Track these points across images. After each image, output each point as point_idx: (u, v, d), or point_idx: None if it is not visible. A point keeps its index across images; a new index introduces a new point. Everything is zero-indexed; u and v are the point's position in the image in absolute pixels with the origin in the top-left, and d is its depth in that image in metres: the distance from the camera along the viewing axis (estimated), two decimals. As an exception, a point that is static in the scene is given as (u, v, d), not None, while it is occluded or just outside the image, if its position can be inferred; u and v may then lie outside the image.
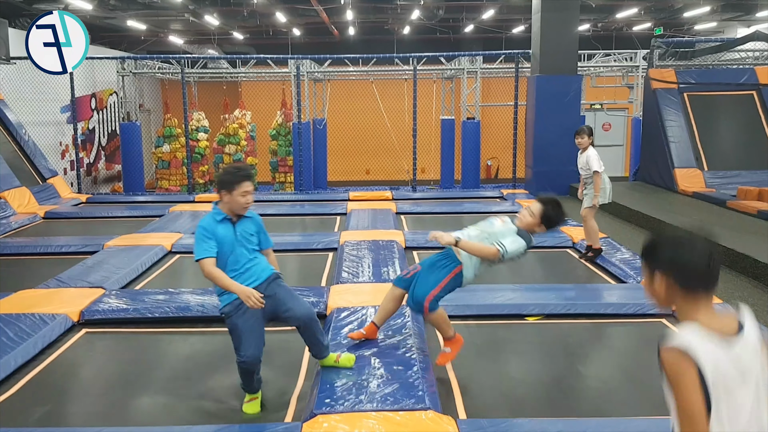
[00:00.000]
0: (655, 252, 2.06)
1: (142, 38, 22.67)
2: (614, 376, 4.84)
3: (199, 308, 5.92)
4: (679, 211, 10.12)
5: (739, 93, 13.11)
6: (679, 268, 2.01)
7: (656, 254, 2.06)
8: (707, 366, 1.87)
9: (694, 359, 1.88)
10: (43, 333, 5.31)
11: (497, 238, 4.48)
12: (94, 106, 18.42)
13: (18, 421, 4.07)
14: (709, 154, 12.50)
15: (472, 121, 16.40)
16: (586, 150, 7.70)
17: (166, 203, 12.63)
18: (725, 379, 1.89)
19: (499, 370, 4.81)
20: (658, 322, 5.75)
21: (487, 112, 19.47)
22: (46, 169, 13.36)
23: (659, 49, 14.07)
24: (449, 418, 3.82)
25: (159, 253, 8.25)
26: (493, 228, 4.59)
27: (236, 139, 18.12)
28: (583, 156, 7.72)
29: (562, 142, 12.66)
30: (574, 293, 6.36)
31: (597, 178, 7.55)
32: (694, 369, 1.88)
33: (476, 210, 11.54)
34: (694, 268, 1.99)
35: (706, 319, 1.99)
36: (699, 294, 2.01)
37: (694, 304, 2.02)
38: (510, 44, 22.52)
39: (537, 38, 13.25)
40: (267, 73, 19.09)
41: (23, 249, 8.68)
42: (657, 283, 2.06)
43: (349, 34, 23.11)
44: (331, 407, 3.89)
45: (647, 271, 2.09)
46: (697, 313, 2.01)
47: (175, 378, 4.79)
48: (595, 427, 3.74)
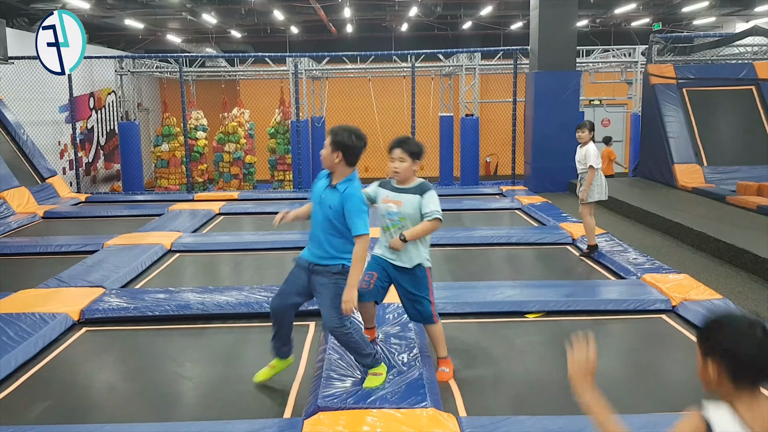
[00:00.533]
0: (710, 339, 1.99)
1: (140, 37, 22.64)
2: (615, 372, 4.84)
3: (199, 306, 5.92)
4: (679, 207, 10.12)
5: (738, 88, 13.10)
6: (733, 361, 1.93)
7: (711, 342, 1.98)
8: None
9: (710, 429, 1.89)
10: (43, 332, 5.31)
11: (419, 211, 4.42)
12: (93, 106, 18.40)
13: (19, 419, 4.07)
14: (709, 150, 12.50)
15: (471, 117, 16.37)
16: (586, 144, 7.67)
17: (165, 202, 12.64)
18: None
19: (499, 368, 4.81)
20: (658, 318, 5.76)
21: (486, 109, 19.44)
22: (45, 168, 13.36)
23: (658, 45, 14.06)
24: (450, 415, 3.82)
25: (159, 252, 8.25)
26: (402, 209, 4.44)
27: (235, 138, 18.11)
28: (583, 150, 7.70)
29: (561, 138, 12.66)
30: (574, 290, 6.36)
31: (591, 173, 7.55)
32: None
33: (475, 207, 11.55)
34: (748, 364, 1.91)
35: (746, 410, 1.92)
36: (746, 387, 1.94)
37: (739, 395, 1.95)
38: (508, 40, 22.48)
39: (535, 34, 13.25)
40: (265, 71, 19.07)
41: (23, 249, 8.67)
42: (709, 368, 1.98)
43: (347, 31, 23.09)
44: (332, 404, 3.89)
45: (700, 354, 2.02)
46: (739, 401, 1.95)
47: (176, 375, 4.79)
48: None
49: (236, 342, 5.45)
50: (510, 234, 8.90)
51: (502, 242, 8.65)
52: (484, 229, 9.38)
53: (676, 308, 5.84)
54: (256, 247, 8.61)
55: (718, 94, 13.05)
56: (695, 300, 5.83)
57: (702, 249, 8.21)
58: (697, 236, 8.41)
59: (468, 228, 9.79)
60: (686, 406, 2.21)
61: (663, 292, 6.11)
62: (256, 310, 5.86)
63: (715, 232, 8.16)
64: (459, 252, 8.33)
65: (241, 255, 8.43)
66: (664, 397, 4.22)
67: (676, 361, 5.07)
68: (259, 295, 6.10)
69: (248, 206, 11.98)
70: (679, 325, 5.57)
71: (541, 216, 10.17)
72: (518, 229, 9.34)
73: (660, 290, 6.16)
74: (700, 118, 12.80)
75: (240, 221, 10.92)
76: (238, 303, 5.95)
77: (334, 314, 4.09)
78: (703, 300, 5.83)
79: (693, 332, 5.36)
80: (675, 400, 4.12)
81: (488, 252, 8.39)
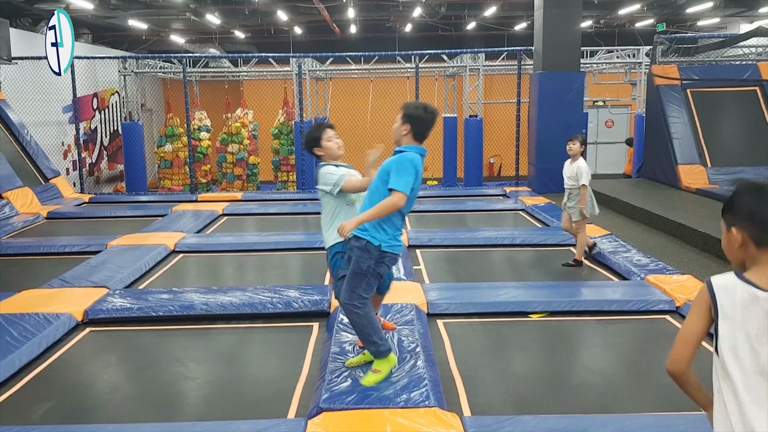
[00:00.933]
0: (734, 206, 2.05)
1: (143, 38, 22.65)
2: (618, 372, 4.84)
3: (203, 307, 5.92)
4: (683, 208, 10.10)
5: (742, 89, 13.08)
6: (755, 224, 2.00)
7: (735, 208, 2.05)
8: (724, 301, 1.98)
9: (712, 293, 2.01)
10: (47, 332, 5.31)
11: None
12: (96, 106, 18.42)
13: (23, 419, 4.08)
14: (713, 151, 12.47)
15: (475, 118, 16.38)
16: (576, 159, 7.51)
17: (168, 203, 12.65)
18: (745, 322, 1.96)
19: (503, 368, 4.81)
20: (662, 319, 5.75)
21: (490, 110, 19.45)
22: (49, 169, 13.38)
23: (662, 46, 14.04)
24: (454, 415, 3.82)
25: (162, 253, 8.25)
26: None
27: (238, 138, 18.11)
28: (574, 166, 7.51)
29: (564, 139, 12.50)
30: (577, 291, 6.36)
31: (584, 191, 7.35)
32: (706, 301, 2.03)
33: (479, 208, 11.55)
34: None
35: (757, 271, 2.01)
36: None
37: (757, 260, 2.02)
38: (512, 41, 22.46)
39: (539, 35, 13.24)
40: (269, 72, 19.08)
41: (27, 249, 8.69)
42: (733, 237, 2.05)
43: (351, 32, 23.08)
44: (335, 404, 3.88)
45: (725, 225, 2.09)
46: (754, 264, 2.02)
47: (179, 376, 4.79)
48: (599, 424, 3.73)
49: (240, 342, 5.45)
50: (513, 235, 8.89)
51: (505, 243, 8.65)
52: (488, 230, 9.37)
53: (680, 309, 5.83)
54: (260, 248, 8.61)
55: (722, 95, 13.03)
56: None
57: (706, 250, 8.19)
58: (700, 237, 8.39)
59: (471, 229, 9.80)
60: (689, 406, 2.22)
61: (667, 293, 6.10)
62: (260, 310, 5.87)
63: (719, 233, 8.08)
64: (462, 253, 8.33)
65: (245, 256, 8.43)
66: (668, 398, 4.20)
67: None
68: (262, 295, 6.10)
69: (252, 207, 11.98)
70: (684, 326, 5.55)
71: (544, 217, 10.16)
72: (522, 230, 9.33)
73: (664, 291, 6.16)
74: (704, 119, 12.78)
75: (243, 222, 10.93)
76: (242, 303, 5.95)
77: (346, 287, 4.13)
78: (708, 301, 5.80)
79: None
80: (679, 400, 4.09)
81: (492, 253, 8.39)
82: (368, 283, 4.14)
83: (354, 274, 4.11)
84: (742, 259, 2.06)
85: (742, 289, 1.97)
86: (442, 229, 9.55)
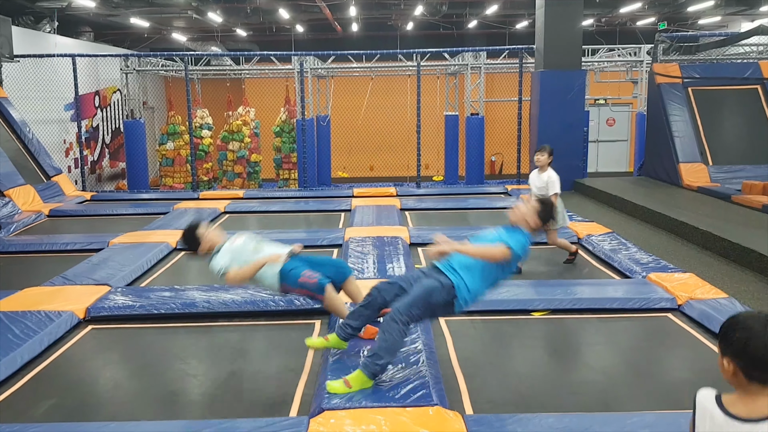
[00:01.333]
0: (726, 337, 2.12)
1: (145, 36, 22.68)
2: (620, 371, 4.84)
3: (204, 304, 5.93)
4: (684, 206, 10.10)
5: (744, 87, 13.08)
6: (745, 359, 2.06)
7: (727, 340, 2.11)
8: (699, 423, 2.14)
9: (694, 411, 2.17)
10: (49, 330, 5.32)
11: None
12: (98, 104, 18.44)
13: (25, 416, 4.08)
14: (714, 149, 12.47)
15: (476, 116, 16.37)
16: (545, 170, 7.61)
17: (170, 200, 12.65)
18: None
19: (505, 366, 4.81)
20: (663, 317, 5.75)
21: (491, 108, 19.43)
22: (51, 166, 13.38)
23: (663, 44, 14.03)
24: (456, 413, 3.82)
25: (164, 250, 8.26)
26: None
27: (240, 136, 18.11)
28: (544, 176, 7.60)
29: (566, 137, 12.66)
30: (579, 289, 6.36)
31: (555, 201, 7.27)
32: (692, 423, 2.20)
33: (481, 206, 11.53)
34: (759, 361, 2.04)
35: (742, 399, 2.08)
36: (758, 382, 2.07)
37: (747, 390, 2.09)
38: (514, 39, 22.46)
39: (541, 33, 13.23)
40: (270, 70, 19.08)
41: (28, 247, 8.70)
42: (726, 364, 2.12)
43: (353, 30, 23.10)
44: (337, 402, 3.89)
45: (720, 351, 2.15)
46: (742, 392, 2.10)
47: (181, 373, 4.80)
48: (602, 422, 3.73)
49: (242, 340, 5.46)
50: (515, 233, 8.86)
51: (507, 241, 8.62)
52: (489, 228, 9.33)
53: (682, 307, 5.83)
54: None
55: (723, 94, 13.02)
56: (701, 299, 5.82)
57: (707, 248, 8.19)
58: (702, 235, 8.39)
59: (473, 227, 9.77)
60: (691, 404, 2.23)
61: (668, 290, 6.10)
62: (262, 308, 5.87)
63: (720, 231, 8.14)
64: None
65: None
66: (670, 396, 4.21)
67: (681, 360, 5.06)
68: (264, 293, 6.10)
69: (253, 205, 11.98)
70: (685, 323, 5.56)
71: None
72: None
73: (665, 289, 6.16)
74: (706, 118, 12.78)
75: (245, 219, 10.92)
76: (244, 301, 5.96)
77: (409, 300, 4.12)
78: (709, 299, 5.82)
79: (699, 331, 5.36)
80: (680, 398, 4.11)
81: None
82: (426, 312, 4.20)
83: (423, 298, 4.12)
84: (734, 384, 2.12)
85: (720, 419, 2.06)
86: (444, 227, 9.54)
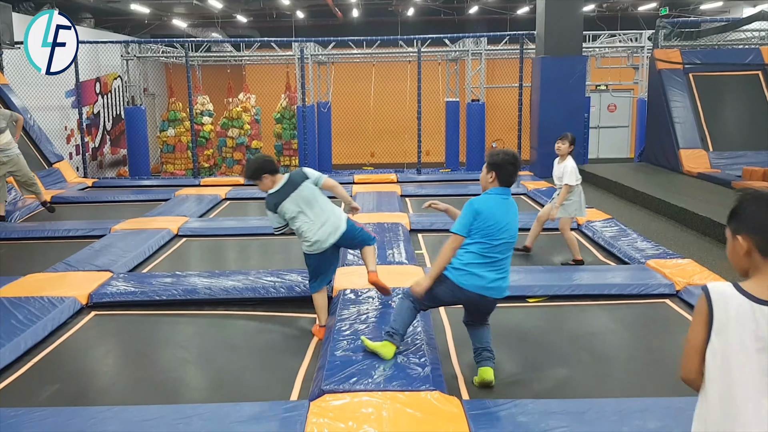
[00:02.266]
0: (740, 214, 2.05)
1: (145, 22, 22.61)
2: (618, 356, 4.88)
3: (206, 291, 5.97)
4: (684, 192, 10.12)
5: (745, 73, 13.05)
6: (762, 233, 1.99)
7: (741, 216, 2.05)
8: (717, 310, 1.99)
9: (710, 302, 2.01)
10: (52, 316, 5.36)
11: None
12: (99, 91, 18.41)
13: (28, 401, 4.13)
14: (714, 135, 12.47)
15: (477, 103, 16.36)
16: (564, 159, 7.18)
17: (171, 187, 12.68)
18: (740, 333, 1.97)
19: (502, 352, 4.83)
20: (662, 303, 5.78)
21: (492, 94, 19.38)
22: (52, 153, 13.40)
23: (664, 30, 14.00)
24: (454, 398, 3.86)
25: (166, 237, 8.30)
26: None
27: (240, 123, 18.10)
28: (561, 166, 7.19)
29: (567, 123, 12.62)
30: (577, 275, 6.38)
31: (565, 190, 7.08)
32: (705, 311, 2.02)
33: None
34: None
35: (759, 280, 2.01)
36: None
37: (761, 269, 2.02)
38: (514, 25, 22.38)
39: (542, 19, 13.20)
40: (271, 57, 19.04)
41: (31, 233, 8.74)
42: (739, 245, 2.04)
43: (353, 16, 23.02)
44: (337, 386, 3.93)
45: (730, 233, 2.09)
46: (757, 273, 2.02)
47: (183, 359, 4.85)
48: (598, 408, 3.77)
49: (243, 326, 5.50)
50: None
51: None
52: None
53: (680, 293, 5.86)
54: (263, 232, 8.62)
55: (724, 80, 13.00)
56: (699, 285, 5.84)
57: (707, 234, 8.22)
58: (702, 221, 8.41)
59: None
60: (688, 389, 2.26)
61: (667, 276, 6.14)
62: (263, 294, 5.91)
63: (720, 217, 8.16)
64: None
65: (248, 240, 8.48)
66: (668, 381, 4.24)
67: (679, 345, 5.05)
68: (265, 279, 6.14)
69: (255, 191, 11.93)
70: (683, 309, 5.59)
71: (546, 201, 10.14)
72: (523, 215, 9.25)
73: (664, 275, 6.19)
74: (706, 104, 12.76)
75: (246, 206, 10.96)
76: (245, 288, 5.99)
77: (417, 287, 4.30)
78: (707, 285, 5.83)
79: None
80: (678, 383, 4.13)
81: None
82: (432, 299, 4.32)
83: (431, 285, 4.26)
84: (746, 268, 2.05)
85: (740, 301, 1.97)
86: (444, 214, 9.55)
